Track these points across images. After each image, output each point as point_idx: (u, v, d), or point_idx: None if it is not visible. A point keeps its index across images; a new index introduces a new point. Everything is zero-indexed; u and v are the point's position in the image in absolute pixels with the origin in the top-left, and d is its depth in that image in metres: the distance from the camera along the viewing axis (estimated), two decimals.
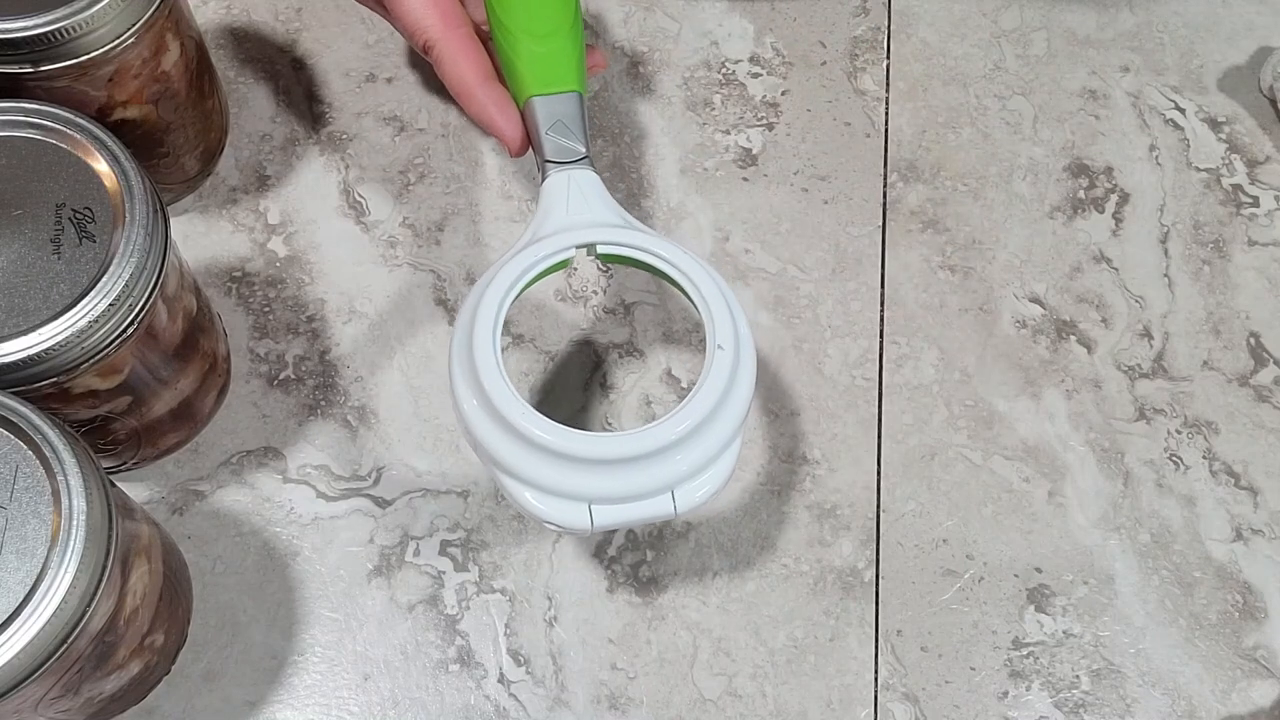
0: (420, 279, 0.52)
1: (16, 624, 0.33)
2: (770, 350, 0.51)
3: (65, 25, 0.40)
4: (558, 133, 0.42)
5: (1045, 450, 0.50)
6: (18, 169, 0.39)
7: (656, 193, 0.54)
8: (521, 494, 0.38)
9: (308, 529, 0.47)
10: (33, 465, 0.35)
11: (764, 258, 0.53)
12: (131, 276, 0.38)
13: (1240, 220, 0.55)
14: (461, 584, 0.47)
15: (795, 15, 0.58)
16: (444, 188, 0.53)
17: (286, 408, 0.49)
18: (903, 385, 0.51)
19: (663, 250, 0.40)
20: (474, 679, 0.45)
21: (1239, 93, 0.57)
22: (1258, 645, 0.47)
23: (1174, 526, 0.49)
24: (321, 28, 0.57)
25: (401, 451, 0.49)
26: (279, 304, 0.51)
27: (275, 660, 0.45)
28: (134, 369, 0.41)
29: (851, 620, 0.47)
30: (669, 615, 0.47)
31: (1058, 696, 0.46)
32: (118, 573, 0.36)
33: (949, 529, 0.48)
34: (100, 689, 0.40)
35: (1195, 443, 0.50)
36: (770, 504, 0.49)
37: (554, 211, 0.41)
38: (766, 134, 0.55)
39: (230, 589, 0.46)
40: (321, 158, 0.54)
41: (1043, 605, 0.47)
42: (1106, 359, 0.52)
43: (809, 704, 0.46)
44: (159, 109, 0.46)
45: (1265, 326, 0.53)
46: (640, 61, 0.57)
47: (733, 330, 0.39)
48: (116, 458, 0.46)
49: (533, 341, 0.51)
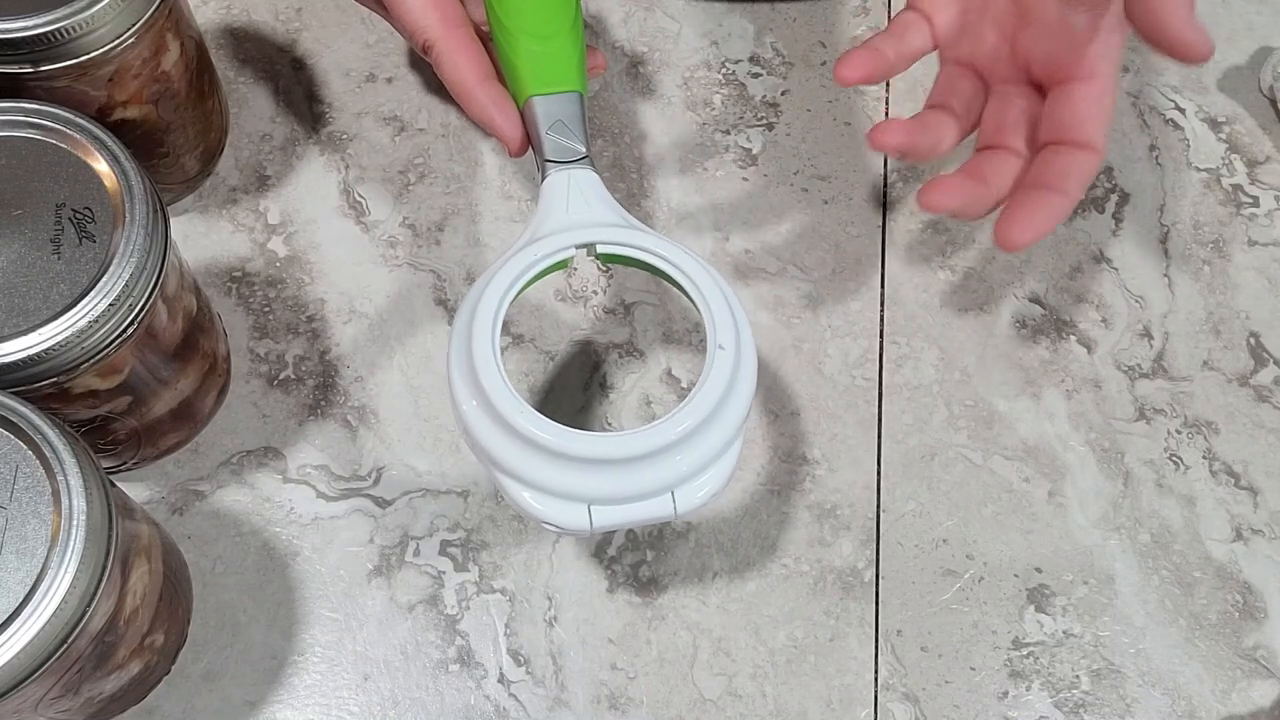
0: (420, 279, 0.52)
1: (16, 624, 0.33)
2: (770, 350, 0.51)
3: (65, 25, 0.40)
4: (558, 132, 0.42)
5: (1045, 450, 0.50)
6: (18, 169, 0.39)
7: (656, 193, 0.54)
8: (520, 494, 0.38)
9: (308, 529, 0.47)
10: (33, 465, 0.35)
11: (764, 258, 0.53)
12: (131, 276, 0.38)
13: (1240, 220, 0.55)
14: (461, 584, 0.47)
15: (795, 15, 0.58)
16: (444, 188, 0.53)
17: (286, 408, 0.49)
18: (903, 385, 0.51)
19: (663, 250, 0.40)
20: (474, 679, 0.45)
21: (1239, 93, 0.57)
22: (1258, 645, 0.47)
23: (1174, 526, 0.49)
24: (321, 28, 0.57)
25: (401, 451, 0.49)
26: (279, 304, 0.51)
27: (275, 660, 0.45)
28: (134, 369, 0.41)
29: (851, 620, 0.47)
30: (669, 615, 0.47)
31: (1058, 696, 0.46)
32: (118, 573, 0.36)
33: (949, 529, 0.48)
34: (100, 689, 0.40)
35: (1195, 443, 0.50)
36: (770, 504, 0.49)
37: (554, 211, 0.41)
38: (766, 134, 0.55)
39: (230, 589, 0.46)
40: (321, 158, 0.54)
41: (1043, 605, 0.47)
42: (1106, 359, 0.52)
43: (809, 704, 0.46)
44: (159, 109, 0.46)
45: (1265, 326, 0.53)
46: (640, 61, 0.57)
47: (734, 330, 0.39)
48: (116, 458, 0.46)
49: (533, 342, 0.51)
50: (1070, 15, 0.43)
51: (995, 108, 0.46)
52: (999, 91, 0.46)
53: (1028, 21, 0.45)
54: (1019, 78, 0.45)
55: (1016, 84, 0.45)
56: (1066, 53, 0.43)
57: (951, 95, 0.46)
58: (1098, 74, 0.43)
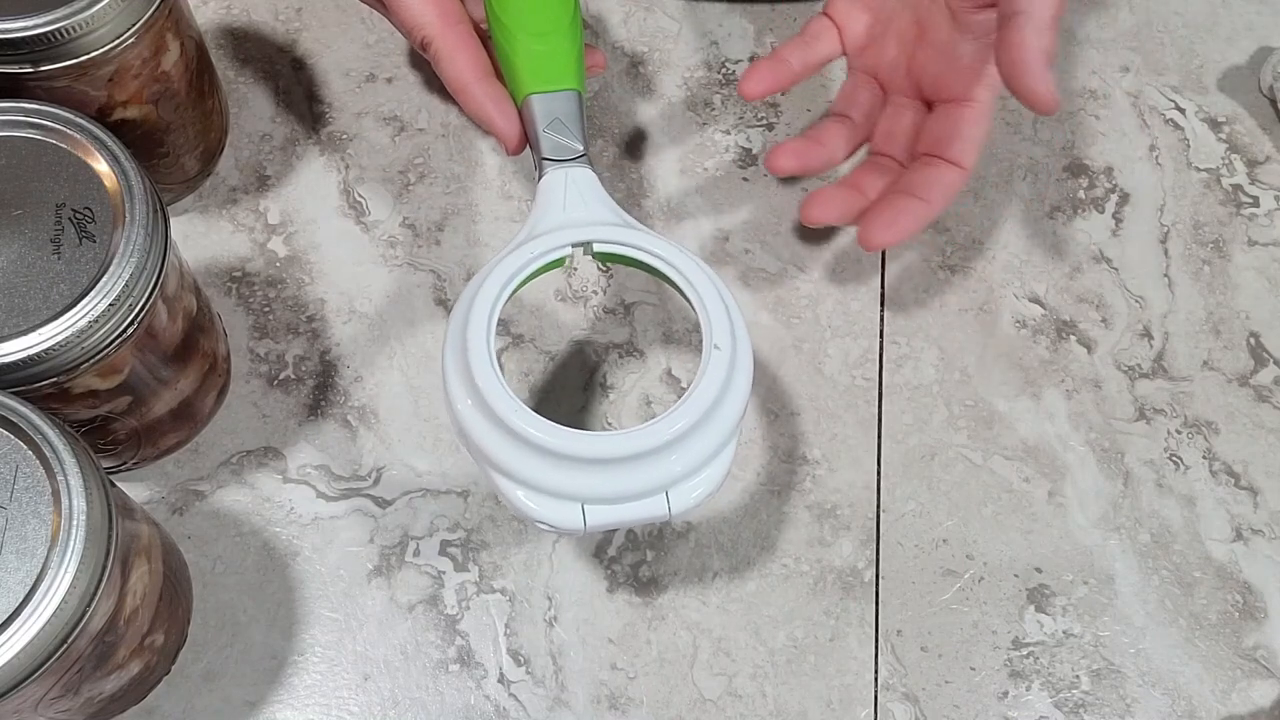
0: (420, 279, 0.52)
1: (16, 624, 0.33)
2: (770, 350, 0.51)
3: (65, 25, 0.40)
4: (555, 131, 0.42)
5: (1045, 450, 0.50)
6: (18, 169, 0.39)
7: (656, 193, 0.54)
8: (514, 493, 0.38)
9: (308, 529, 0.47)
10: (33, 465, 0.35)
11: (764, 258, 0.53)
12: (131, 276, 0.38)
13: (1240, 220, 0.55)
14: (461, 584, 0.47)
15: (795, 15, 0.58)
16: (444, 188, 0.53)
17: (286, 408, 0.49)
18: (903, 385, 0.51)
19: (660, 249, 0.40)
20: (474, 679, 0.45)
21: (1239, 93, 0.57)
22: (1258, 645, 0.47)
23: (1174, 526, 0.49)
24: (321, 28, 0.57)
25: (401, 451, 0.49)
26: (279, 304, 0.51)
27: (275, 660, 0.45)
28: (134, 369, 0.41)
29: (851, 620, 0.47)
30: (669, 615, 0.47)
31: (1058, 696, 0.46)
32: (118, 573, 0.36)
33: (949, 529, 0.48)
34: (100, 689, 0.40)
35: (1195, 443, 0.50)
36: (770, 504, 0.49)
37: (551, 209, 0.41)
38: (766, 134, 0.55)
39: (230, 589, 0.46)
40: (321, 158, 0.54)
41: (1043, 605, 0.47)
42: (1106, 359, 0.52)
43: (809, 704, 0.46)
44: (159, 109, 0.46)
45: (1265, 326, 0.53)
46: (640, 61, 0.57)
47: (730, 330, 0.39)
48: (116, 458, 0.46)
49: (533, 341, 0.51)
50: (958, 41, 0.46)
51: (888, 117, 0.49)
52: (894, 102, 0.49)
53: (925, 40, 0.48)
54: (912, 91, 0.49)
55: (909, 97, 0.49)
56: (952, 75, 0.47)
57: (852, 104, 0.50)
58: (977, 99, 0.46)
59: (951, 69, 0.47)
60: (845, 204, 0.48)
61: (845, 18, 0.50)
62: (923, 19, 0.48)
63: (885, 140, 0.49)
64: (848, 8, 0.50)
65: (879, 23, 0.49)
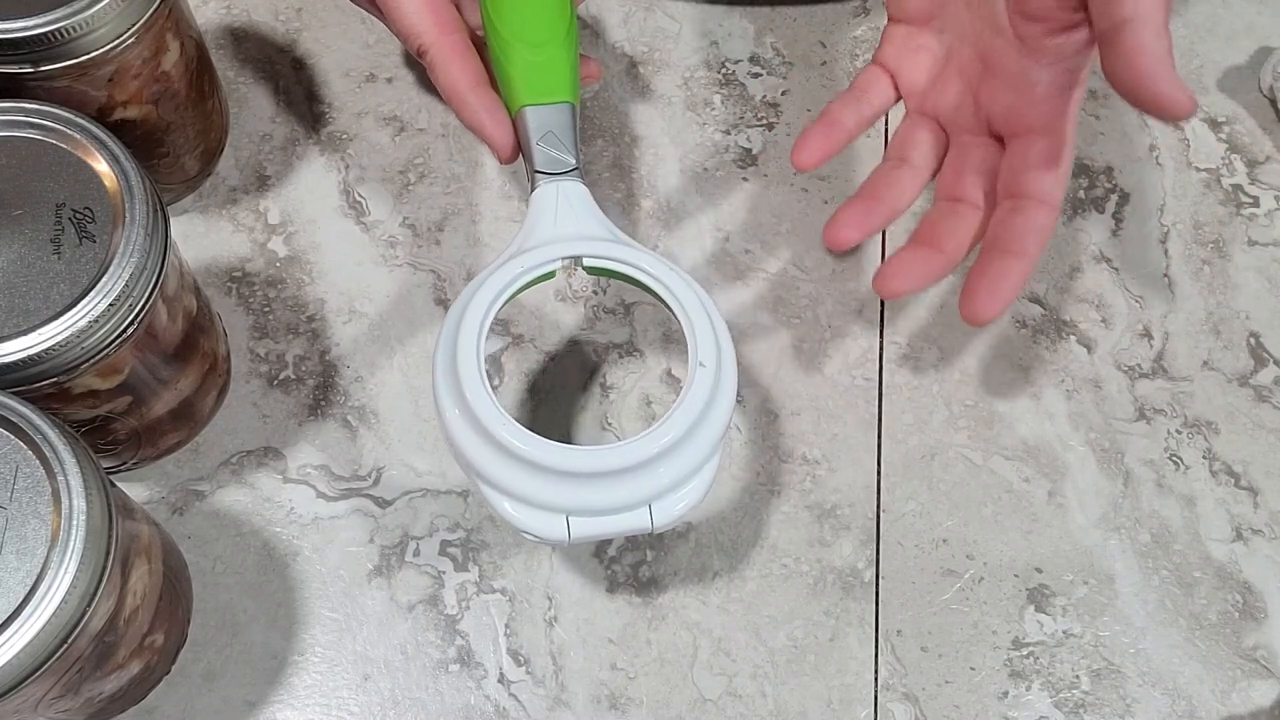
0: (420, 279, 0.52)
1: (16, 624, 0.33)
2: (770, 350, 0.51)
3: (65, 25, 0.40)
4: (548, 144, 0.42)
5: (1045, 450, 0.50)
6: (18, 169, 0.39)
7: (656, 193, 0.54)
8: (500, 503, 0.38)
9: (308, 529, 0.47)
10: (33, 465, 0.35)
11: (764, 258, 0.53)
12: (131, 276, 0.38)
13: (1240, 220, 0.55)
14: (461, 584, 0.47)
15: (795, 15, 0.58)
16: (444, 188, 0.53)
17: (286, 408, 0.49)
18: (903, 385, 0.51)
19: (648, 265, 0.41)
20: (474, 679, 0.45)
21: (1239, 93, 0.57)
22: (1258, 645, 0.47)
23: (1174, 526, 0.49)
24: (321, 28, 0.57)
25: (401, 451, 0.49)
26: (279, 304, 0.51)
27: (275, 660, 0.45)
28: (134, 369, 0.41)
29: (851, 620, 0.47)
30: (669, 615, 0.47)
31: (1058, 696, 0.46)
32: (118, 573, 0.36)
33: (949, 529, 0.48)
34: (100, 689, 0.40)
35: (1195, 443, 0.50)
36: (770, 504, 0.49)
37: (541, 223, 0.42)
38: (766, 134, 0.55)
39: (230, 589, 0.46)
40: (321, 158, 0.54)
41: (1043, 605, 0.47)
42: (1106, 359, 0.52)
43: (809, 704, 0.46)
44: (159, 109, 0.46)
45: (1265, 326, 0.53)
46: (640, 61, 0.57)
47: (715, 348, 0.39)
48: (116, 458, 0.46)
49: (532, 342, 0.51)
50: (1030, 70, 0.43)
51: (955, 158, 0.46)
52: (959, 142, 0.46)
53: (991, 73, 0.45)
54: (980, 129, 0.45)
55: (977, 135, 0.45)
56: (1026, 106, 0.43)
57: (910, 147, 0.46)
58: (1055, 129, 0.43)
59: (1024, 100, 0.43)
60: (927, 268, 0.44)
61: (899, 63, 0.47)
62: (985, 52, 0.45)
63: (955, 182, 0.45)
64: (900, 53, 0.47)
65: (937, 63, 0.46)
